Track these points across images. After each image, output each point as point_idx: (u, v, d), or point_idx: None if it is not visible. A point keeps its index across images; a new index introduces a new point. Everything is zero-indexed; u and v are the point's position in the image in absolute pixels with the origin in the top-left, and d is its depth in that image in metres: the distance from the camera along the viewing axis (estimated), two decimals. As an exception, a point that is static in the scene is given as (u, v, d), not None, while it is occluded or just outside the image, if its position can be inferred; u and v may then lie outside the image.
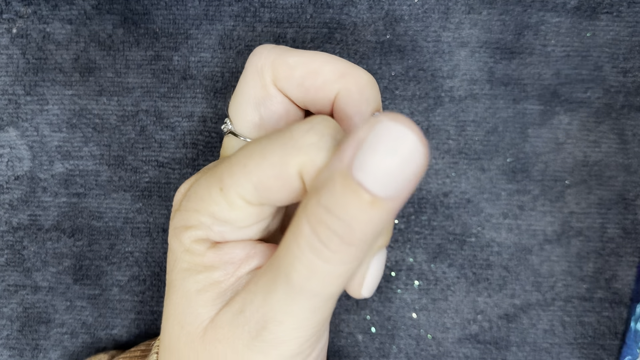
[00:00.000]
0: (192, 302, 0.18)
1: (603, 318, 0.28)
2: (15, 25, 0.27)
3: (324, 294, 0.16)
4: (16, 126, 0.27)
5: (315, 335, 0.17)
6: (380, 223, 0.14)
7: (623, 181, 0.27)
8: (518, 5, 0.27)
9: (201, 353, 0.18)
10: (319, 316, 0.17)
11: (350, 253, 0.15)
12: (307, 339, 0.17)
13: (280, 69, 0.19)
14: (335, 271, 0.15)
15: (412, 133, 0.14)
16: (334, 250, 0.15)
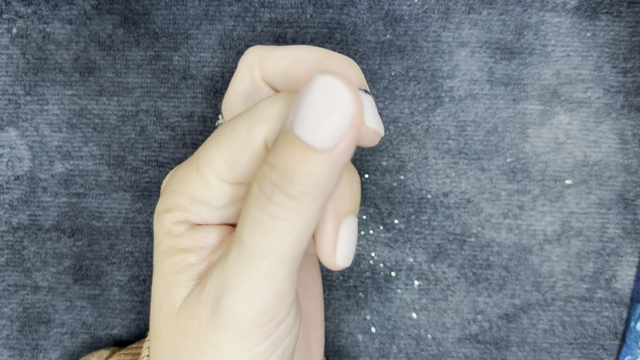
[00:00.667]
0: (168, 283, 0.18)
1: (603, 318, 0.28)
2: (15, 25, 0.27)
3: (273, 255, 0.16)
4: (16, 126, 0.27)
5: (274, 311, 0.17)
6: (321, 175, 0.15)
7: (623, 181, 0.27)
8: (518, 5, 0.27)
9: (175, 332, 0.18)
10: (273, 283, 0.16)
11: (295, 208, 0.15)
12: (263, 311, 0.17)
13: (266, 63, 0.20)
14: (282, 228, 0.16)
15: (340, 83, 0.15)
16: (278, 204, 0.15)
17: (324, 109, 0.15)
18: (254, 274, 0.16)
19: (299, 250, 0.16)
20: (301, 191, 0.15)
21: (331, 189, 0.16)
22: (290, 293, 0.17)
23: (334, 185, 0.16)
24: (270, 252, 0.16)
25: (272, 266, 0.16)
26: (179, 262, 0.18)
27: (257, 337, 0.17)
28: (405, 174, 0.28)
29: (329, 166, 0.15)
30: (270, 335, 0.17)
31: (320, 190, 0.15)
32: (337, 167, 0.15)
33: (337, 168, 0.15)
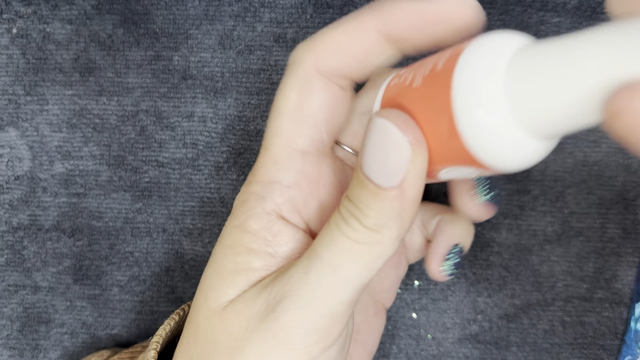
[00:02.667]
0: (223, 280, 0.18)
1: (603, 318, 0.28)
2: (15, 25, 0.27)
3: (342, 272, 0.17)
4: (16, 126, 0.27)
5: (324, 332, 0.17)
6: (391, 209, 0.16)
7: (623, 181, 0.27)
8: (518, 5, 0.27)
9: (217, 327, 0.18)
10: (333, 301, 0.17)
11: (371, 235, 0.16)
12: (315, 327, 0.17)
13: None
14: (357, 249, 0.16)
15: (392, 125, 0.16)
16: (355, 228, 0.16)
17: (383, 152, 0.16)
18: (319, 285, 0.17)
19: (367, 276, 0.17)
20: (374, 224, 0.16)
21: (405, 221, 0.16)
22: (343, 319, 0.17)
23: (408, 217, 0.16)
24: (340, 269, 0.16)
25: (338, 283, 0.17)
26: (243, 263, 0.18)
27: (300, 354, 0.17)
28: (405, 174, 0.28)
29: (397, 201, 0.16)
30: (314, 357, 0.17)
31: (394, 223, 0.16)
32: (406, 201, 0.16)
33: (407, 202, 0.16)
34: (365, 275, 0.17)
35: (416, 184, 0.16)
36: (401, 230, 0.17)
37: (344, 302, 0.17)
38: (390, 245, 0.17)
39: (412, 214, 0.17)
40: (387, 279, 0.23)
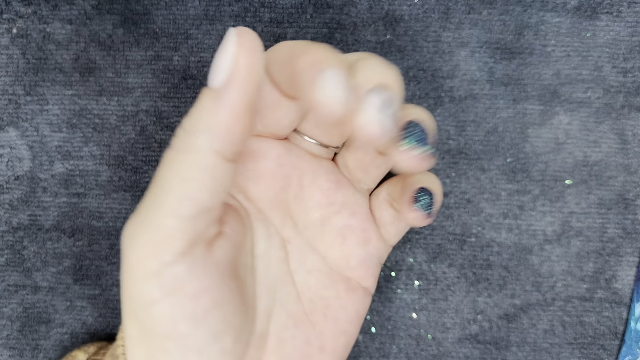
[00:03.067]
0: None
1: (603, 318, 0.28)
2: (15, 25, 0.27)
3: (163, 184, 0.17)
4: (16, 126, 0.27)
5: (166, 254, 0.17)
6: (204, 110, 0.17)
7: (623, 181, 0.28)
8: (518, 5, 0.27)
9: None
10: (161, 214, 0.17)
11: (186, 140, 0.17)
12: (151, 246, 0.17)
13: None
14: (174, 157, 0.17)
15: (233, 30, 0.16)
16: (176, 135, 0.18)
17: (218, 56, 0.17)
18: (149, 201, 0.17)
19: (185, 187, 0.17)
20: (191, 124, 0.17)
21: (219, 128, 0.16)
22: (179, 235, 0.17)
23: (223, 124, 0.16)
24: (162, 182, 0.17)
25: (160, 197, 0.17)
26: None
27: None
28: (405, 174, 0.28)
29: (214, 102, 0.16)
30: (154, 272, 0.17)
31: (208, 127, 0.17)
32: (223, 105, 0.16)
33: (224, 106, 0.16)
34: (183, 186, 0.17)
35: (238, 88, 0.16)
36: (214, 138, 0.17)
37: (169, 214, 0.17)
38: (205, 155, 0.17)
39: (227, 120, 0.16)
40: (353, 256, 0.22)
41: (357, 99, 0.16)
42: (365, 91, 0.16)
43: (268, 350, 0.20)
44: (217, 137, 0.17)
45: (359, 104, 0.16)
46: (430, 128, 0.19)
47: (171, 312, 0.17)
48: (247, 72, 0.16)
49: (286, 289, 0.21)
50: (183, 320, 0.17)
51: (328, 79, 0.16)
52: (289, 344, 0.20)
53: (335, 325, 0.21)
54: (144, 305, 0.17)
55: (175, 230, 0.17)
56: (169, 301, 0.17)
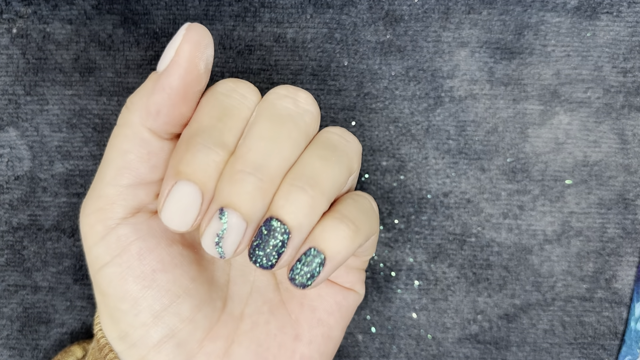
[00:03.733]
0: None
1: (603, 318, 0.28)
2: (15, 25, 0.27)
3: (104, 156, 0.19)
4: (16, 126, 0.27)
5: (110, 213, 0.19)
6: (142, 88, 0.19)
7: (623, 181, 0.28)
8: (518, 5, 0.27)
9: None
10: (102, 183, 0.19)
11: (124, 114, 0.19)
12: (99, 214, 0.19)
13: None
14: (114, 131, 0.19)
15: (185, 26, 0.18)
16: (121, 112, 0.19)
17: (168, 47, 0.18)
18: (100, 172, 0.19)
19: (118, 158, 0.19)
20: (131, 101, 0.19)
21: (150, 105, 0.18)
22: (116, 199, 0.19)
23: (154, 103, 0.18)
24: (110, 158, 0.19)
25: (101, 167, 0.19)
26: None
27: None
28: (405, 174, 0.28)
29: (151, 82, 0.18)
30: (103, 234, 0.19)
31: (142, 103, 0.18)
32: (158, 85, 0.18)
33: (159, 86, 0.18)
34: (121, 157, 0.19)
35: (176, 73, 0.18)
36: (147, 115, 0.18)
37: (110, 183, 0.19)
38: (138, 129, 0.18)
39: (161, 101, 0.18)
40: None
41: (206, 216, 0.18)
42: (213, 211, 0.18)
43: (241, 332, 0.21)
44: (149, 114, 0.18)
45: (204, 222, 0.18)
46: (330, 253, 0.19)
47: (120, 272, 0.19)
48: (186, 61, 0.18)
49: (265, 278, 0.22)
50: (132, 279, 0.19)
51: (178, 196, 0.18)
52: (262, 328, 0.21)
53: (311, 314, 0.22)
54: (98, 269, 0.19)
55: (116, 197, 0.19)
56: (117, 261, 0.19)
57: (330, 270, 0.18)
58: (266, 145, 0.18)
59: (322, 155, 0.19)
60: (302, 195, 0.18)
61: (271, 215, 0.18)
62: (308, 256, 0.18)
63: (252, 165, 0.17)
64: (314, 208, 0.18)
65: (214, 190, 0.18)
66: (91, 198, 0.19)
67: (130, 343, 0.19)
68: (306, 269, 0.18)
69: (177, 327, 0.19)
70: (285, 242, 0.18)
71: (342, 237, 0.18)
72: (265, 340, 0.21)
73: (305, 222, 0.18)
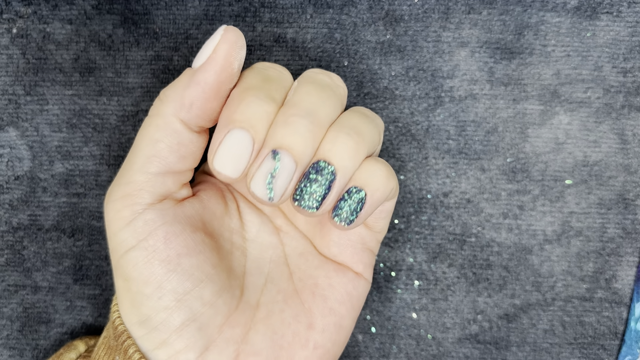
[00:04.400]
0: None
1: (603, 318, 0.28)
2: (15, 25, 0.27)
3: (131, 149, 0.20)
4: (16, 126, 0.27)
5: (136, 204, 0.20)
6: (178, 82, 0.20)
7: (623, 181, 0.28)
8: (518, 5, 0.27)
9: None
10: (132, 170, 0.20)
11: (157, 105, 0.20)
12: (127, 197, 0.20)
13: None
14: (146, 121, 0.20)
15: (223, 27, 0.19)
16: (154, 103, 0.21)
17: (205, 45, 0.19)
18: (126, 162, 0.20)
19: (147, 148, 0.20)
20: (164, 93, 0.20)
21: (185, 99, 0.19)
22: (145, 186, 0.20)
23: (189, 97, 0.19)
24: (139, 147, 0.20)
25: (130, 157, 0.20)
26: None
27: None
28: (405, 174, 0.28)
29: (187, 76, 0.19)
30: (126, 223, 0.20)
31: (176, 96, 0.19)
32: (194, 81, 0.19)
33: (195, 82, 0.19)
34: (152, 146, 0.20)
35: (212, 70, 0.19)
36: (180, 107, 0.19)
37: (138, 170, 0.20)
38: (170, 120, 0.19)
39: (195, 95, 0.19)
40: (333, 243, 0.23)
41: (257, 160, 0.19)
42: (264, 154, 0.19)
43: (257, 320, 0.21)
44: (182, 106, 0.19)
45: (254, 165, 0.19)
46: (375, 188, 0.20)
47: (146, 256, 0.19)
48: (223, 59, 0.19)
49: (279, 269, 0.23)
50: (158, 263, 0.19)
51: (230, 142, 0.19)
52: (277, 316, 0.22)
53: (323, 303, 0.22)
54: (123, 253, 0.19)
55: (144, 184, 0.20)
56: (143, 245, 0.19)
57: (371, 207, 0.20)
58: (314, 98, 0.19)
59: (360, 115, 0.20)
60: (348, 140, 0.19)
61: (318, 158, 0.19)
62: (351, 194, 0.20)
63: (305, 110, 0.19)
64: (357, 152, 0.19)
65: (264, 139, 0.19)
66: (118, 185, 0.20)
67: (152, 327, 0.19)
68: (349, 208, 0.20)
69: (199, 311, 0.20)
70: (331, 183, 0.19)
71: (380, 175, 0.20)
72: (280, 327, 0.21)
73: (350, 165, 0.19)
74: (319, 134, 0.19)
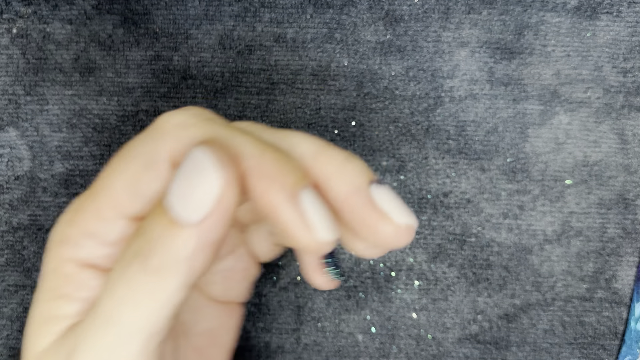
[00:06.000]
0: (38, 327, 0.17)
1: (603, 318, 0.28)
2: (15, 25, 0.27)
3: (126, 325, 0.15)
4: (16, 126, 0.27)
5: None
6: (182, 250, 0.14)
7: (623, 181, 0.28)
8: (518, 5, 0.27)
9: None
10: (121, 354, 0.15)
11: (152, 281, 0.15)
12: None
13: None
14: (137, 299, 0.15)
15: (208, 156, 0.14)
16: (135, 273, 0.15)
17: (191, 183, 0.14)
18: (102, 342, 0.15)
19: (154, 326, 0.15)
20: (159, 265, 0.14)
21: (197, 266, 0.15)
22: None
23: (201, 262, 0.15)
24: (122, 321, 0.15)
25: (122, 337, 0.15)
26: (54, 309, 0.17)
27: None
28: (405, 174, 0.28)
29: (193, 240, 0.14)
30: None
31: (183, 267, 0.14)
32: (202, 244, 0.14)
33: (203, 245, 0.14)
34: (151, 325, 0.15)
35: (218, 226, 0.14)
36: (189, 277, 0.15)
37: (133, 352, 0.15)
38: (175, 293, 0.15)
39: (206, 259, 0.15)
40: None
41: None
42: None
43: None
44: (192, 275, 0.15)
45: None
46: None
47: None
48: (230, 210, 0.14)
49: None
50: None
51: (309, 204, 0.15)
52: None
53: (220, 352, 0.22)
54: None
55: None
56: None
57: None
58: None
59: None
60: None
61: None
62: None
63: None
64: None
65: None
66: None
67: None
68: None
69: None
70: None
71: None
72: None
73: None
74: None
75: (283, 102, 0.27)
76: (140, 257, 0.15)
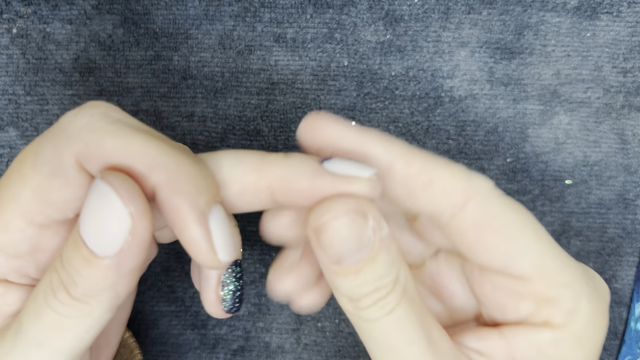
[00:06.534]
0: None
1: (603, 318, 0.28)
2: (15, 25, 0.27)
3: (50, 348, 0.15)
4: (16, 126, 0.27)
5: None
6: (103, 280, 0.15)
7: (623, 181, 0.27)
8: (518, 5, 0.27)
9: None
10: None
11: (78, 307, 0.15)
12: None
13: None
14: (63, 323, 0.15)
15: (112, 192, 0.14)
16: (61, 300, 0.15)
17: (102, 218, 0.14)
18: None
19: (80, 345, 0.16)
20: (83, 294, 0.15)
21: (120, 291, 0.15)
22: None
23: (123, 288, 0.15)
24: (46, 345, 0.15)
25: (45, 358, 0.15)
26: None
27: None
28: (405, 174, 0.28)
29: (112, 272, 0.15)
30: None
31: (106, 294, 0.15)
32: (121, 273, 0.15)
33: (122, 273, 0.15)
34: (77, 346, 0.16)
35: (134, 255, 0.15)
36: (114, 301, 0.15)
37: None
38: (101, 317, 0.15)
39: (127, 284, 0.15)
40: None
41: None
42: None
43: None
44: (117, 299, 0.16)
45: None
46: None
47: None
48: (147, 238, 0.15)
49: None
50: None
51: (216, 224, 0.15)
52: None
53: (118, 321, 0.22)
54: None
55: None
56: None
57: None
58: None
59: None
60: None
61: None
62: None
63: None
64: None
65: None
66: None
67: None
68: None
69: None
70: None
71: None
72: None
73: None
74: None
75: (283, 102, 0.27)
76: (64, 287, 0.15)
